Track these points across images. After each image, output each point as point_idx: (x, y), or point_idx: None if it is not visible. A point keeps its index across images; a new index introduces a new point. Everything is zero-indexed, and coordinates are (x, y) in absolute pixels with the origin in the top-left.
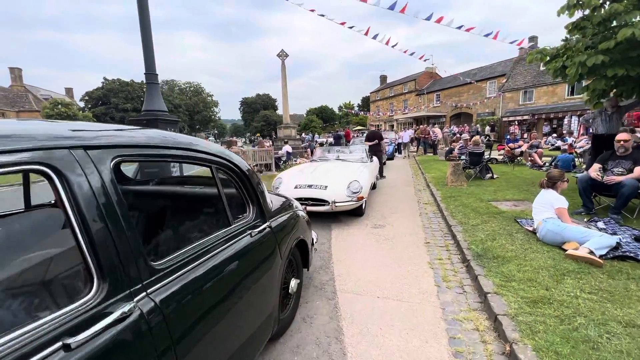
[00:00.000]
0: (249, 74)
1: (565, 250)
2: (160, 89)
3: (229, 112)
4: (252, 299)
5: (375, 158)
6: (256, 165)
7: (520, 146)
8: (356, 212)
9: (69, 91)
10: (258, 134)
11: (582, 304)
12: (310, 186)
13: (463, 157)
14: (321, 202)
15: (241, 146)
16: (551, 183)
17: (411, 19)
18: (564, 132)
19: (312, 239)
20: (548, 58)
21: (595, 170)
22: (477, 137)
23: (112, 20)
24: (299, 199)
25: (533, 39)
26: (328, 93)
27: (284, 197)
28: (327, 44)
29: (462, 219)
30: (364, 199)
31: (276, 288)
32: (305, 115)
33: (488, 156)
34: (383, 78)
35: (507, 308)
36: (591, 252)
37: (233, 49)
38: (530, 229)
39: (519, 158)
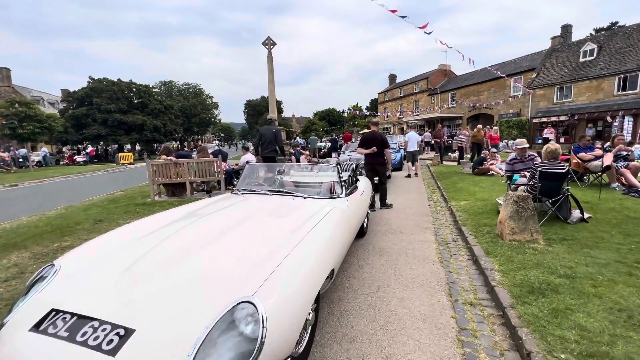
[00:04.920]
0: (259, 78)
1: None
2: None
3: (239, 115)
4: None
5: (364, 182)
6: (203, 184)
7: (597, 157)
8: None
9: (64, 92)
10: None
11: None
12: (71, 338)
13: (516, 177)
14: None
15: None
16: None
17: (422, 22)
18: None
19: None
20: None
21: None
22: (553, 144)
23: (128, 29)
24: None
25: (566, 27)
26: (338, 97)
27: None
28: (337, 49)
29: None
30: None
31: None
32: (311, 118)
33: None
34: (392, 78)
35: None
36: None
37: (244, 54)
38: None
39: (593, 175)
